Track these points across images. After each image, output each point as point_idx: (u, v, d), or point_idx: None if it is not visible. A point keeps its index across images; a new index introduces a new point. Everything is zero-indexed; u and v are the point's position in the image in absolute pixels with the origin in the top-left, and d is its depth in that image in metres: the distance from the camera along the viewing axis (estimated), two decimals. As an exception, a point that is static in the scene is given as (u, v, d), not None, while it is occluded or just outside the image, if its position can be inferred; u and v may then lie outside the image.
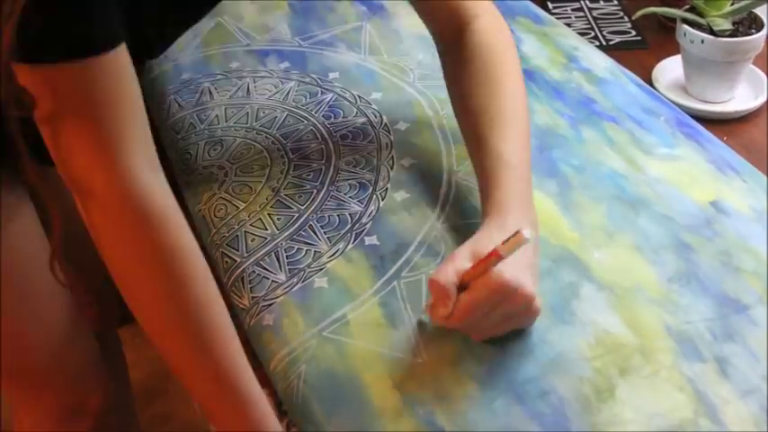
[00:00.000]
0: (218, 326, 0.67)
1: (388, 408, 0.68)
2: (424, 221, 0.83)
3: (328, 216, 0.85)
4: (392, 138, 0.94)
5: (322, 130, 0.96)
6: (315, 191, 0.88)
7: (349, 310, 0.76)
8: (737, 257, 0.79)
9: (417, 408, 0.68)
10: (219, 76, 1.06)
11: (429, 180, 0.88)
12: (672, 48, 1.18)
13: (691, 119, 0.98)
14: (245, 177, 0.91)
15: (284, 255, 0.82)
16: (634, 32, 1.31)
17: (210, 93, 1.03)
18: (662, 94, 1.06)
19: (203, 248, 0.89)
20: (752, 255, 0.79)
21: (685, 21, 1.11)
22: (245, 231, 0.85)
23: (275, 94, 1.02)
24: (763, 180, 0.88)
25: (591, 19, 1.35)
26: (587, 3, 1.40)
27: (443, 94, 0.99)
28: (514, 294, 0.67)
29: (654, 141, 0.92)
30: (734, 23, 1.09)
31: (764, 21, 1.11)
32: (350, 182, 0.88)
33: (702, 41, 1.08)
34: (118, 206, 0.65)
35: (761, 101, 1.13)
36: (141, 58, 0.74)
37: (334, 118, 0.97)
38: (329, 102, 1.00)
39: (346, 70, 1.05)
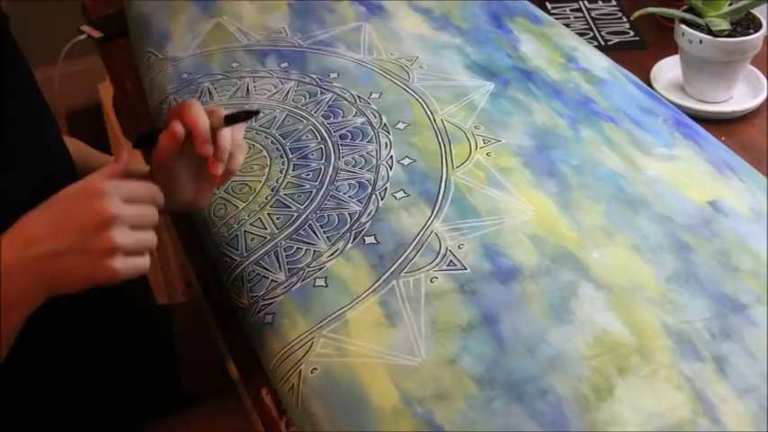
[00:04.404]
0: None
1: (387, 407, 0.68)
2: (422, 221, 0.83)
3: (327, 215, 0.85)
4: (391, 137, 0.94)
5: (321, 129, 0.96)
6: (314, 190, 0.88)
7: (348, 309, 0.76)
8: (736, 257, 0.79)
9: (416, 407, 0.68)
10: (219, 76, 1.06)
11: (428, 180, 0.88)
12: (670, 48, 1.18)
13: (689, 119, 0.98)
14: (244, 177, 0.91)
15: (284, 254, 0.82)
16: (632, 33, 1.31)
17: (210, 92, 1.04)
18: (660, 95, 1.07)
19: (204, 248, 0.90)
20: (750, 254, 0.79)
21: (684, 21, 1.11)
22: (245, 231, 0.85)
23: (275, 93, 1.02)
24: (761, 180, 0.88)
25: (589, 19, 1.36)
26: (586, 3, 1.40)
27: (442, 94, 1.00)
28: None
29: (652, 141, 0.92)
30: (732, 24, 1.10)
31: (763, 21, 1.11)
32: (349, 181, 0.89)
33: (701, 41, 1.08)
34: None
35: (759, 101, 1.13)
36: None
37: (334, 118, 0.97)
38: (328, 101, 1.00)
39: (346, 70, 1.05)
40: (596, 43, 1.28)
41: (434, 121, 0.96)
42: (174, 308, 1.22)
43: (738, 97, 1.14)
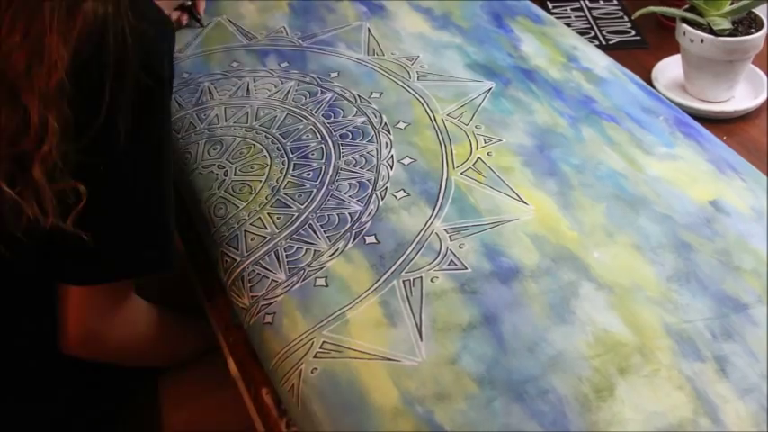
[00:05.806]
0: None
1: (388, 407, 0.68)
2: (423, 220, 0.83)
3: (328, 215, 0.85)
4: (392, 137, 0.94)
5: (322, 129, 0.96)
6: (314, 190, 0.88)
7: (348, 309, 0.76)
8: (737, 257, 0.79)
9: (417, 407, 0.68)
10: (219, 76, 1.06)
11: (428, 179, 0.88)
12: (671, 47, 1.18)
13: (690, 118, 0.98)
14: (244, 176, 0.91)
15: (284, 254, 0.82)
16: (634, 32, 1.31)
17: (210, 92, 1.04)
18: (661, 94, 1.07)
19: (204, 248, 0.90)
20: (751, 254, 0.79)
21: (685, 20, 1.11)
22: (245, 231, 0.85)
23: (275, 93, 1.02)
24: (762, 179, 0.88)
25: (590, 18, 1.35)
26: (587, 2, 1.40)
27: (443, 93, 1.00)
28: None
29: (653, 141, 0.92)
30: (734, 23, 1.09)
31: (764, 20, 1.11)
32: (350, 181, 0.89)
33: (702, 41, 1.08)
34: None
35: (760, 100, 1.13)
36: None
37: (334, 117, 0.97)
38: (329, 101, 1.00)
39: (346, 70, 1.05)
40: (597, 42, 1.28)
41: (435, 120, 0.96)
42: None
43: (740, 97, 1.14)
